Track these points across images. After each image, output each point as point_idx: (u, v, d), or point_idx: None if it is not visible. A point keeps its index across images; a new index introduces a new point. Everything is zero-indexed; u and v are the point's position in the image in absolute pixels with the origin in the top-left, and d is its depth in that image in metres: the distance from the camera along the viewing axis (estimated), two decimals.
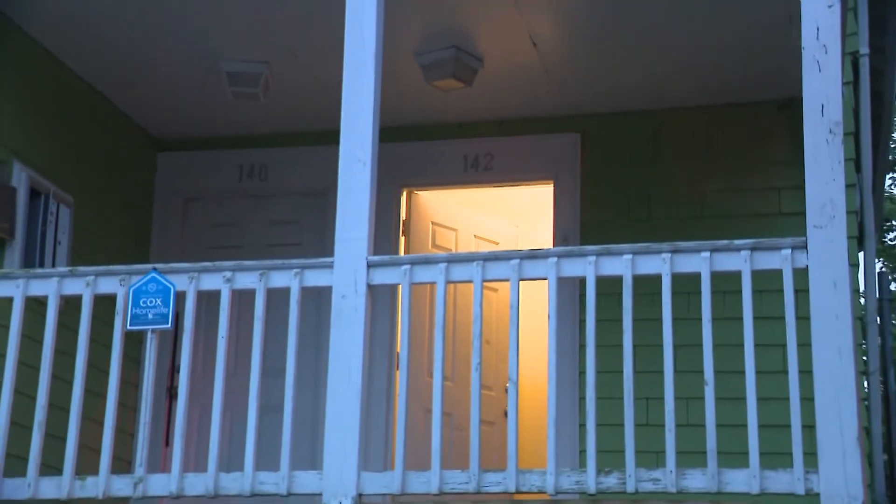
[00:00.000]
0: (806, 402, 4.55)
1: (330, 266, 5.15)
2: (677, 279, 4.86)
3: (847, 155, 5.03)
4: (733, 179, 7.39)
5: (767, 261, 4.78)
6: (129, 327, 5.22)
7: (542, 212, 8.09)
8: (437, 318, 5.05)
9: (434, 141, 7.95)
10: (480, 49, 6.97)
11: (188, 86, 7.53)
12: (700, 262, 4.83)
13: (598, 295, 4.91)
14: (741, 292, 4.75)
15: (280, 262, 5.24)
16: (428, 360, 7.39)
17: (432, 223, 8.26)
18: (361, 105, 5.26)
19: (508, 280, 5.02)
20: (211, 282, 5.26)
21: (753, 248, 4.79)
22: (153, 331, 5.23)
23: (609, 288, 5.01)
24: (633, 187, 7.55)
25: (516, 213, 9.13)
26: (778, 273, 4.75)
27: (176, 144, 8.31)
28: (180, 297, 5.24)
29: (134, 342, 5.65)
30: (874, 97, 7.53)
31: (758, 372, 4.68)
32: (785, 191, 7.17)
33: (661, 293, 4.83)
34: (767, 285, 4.96)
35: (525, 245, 8.40)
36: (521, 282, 5.01)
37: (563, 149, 7.74)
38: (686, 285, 4.93)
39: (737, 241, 4.82)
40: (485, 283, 5.07)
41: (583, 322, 5.44)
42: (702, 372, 4.72)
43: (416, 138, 7.91)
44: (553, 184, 7.78)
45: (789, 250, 4.74)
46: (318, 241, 7.67)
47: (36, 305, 5.54)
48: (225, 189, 8.25)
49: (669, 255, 4.86)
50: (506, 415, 5.27)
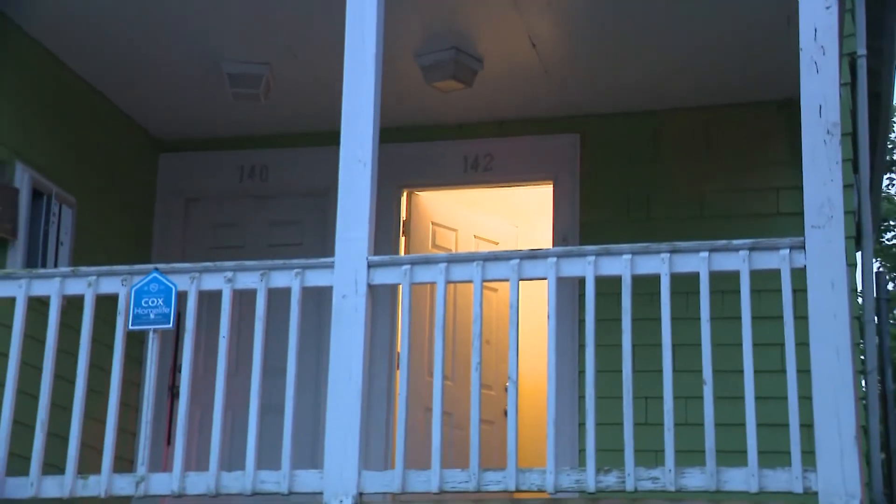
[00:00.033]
0: (804, 402, 4.56)
1: (330, 266, 5.16)
2: (676, 279, 4.86)
3: (845, 155, 5.03)
4: (732, 180, 7.40)
5: (766, 261, 4.78)
6: (130, 327, 5.22)
7: (541, 212, 8.09)
8: (438, 318, 5.05)
9: (434, 141, 7.96)
10: (480, 50, 6.98)
11: (189, 86, 7.53)
12: (699, 262, 4.83)
13: (598, 295, 4.91)
14: (740, 292, 4.76)
15: (281, 262, 5.25)
16: (428, 359, 7.38)
17: (432, 223, 8.26)
18: (362, 106, 5.26)
19: (508, 280, 5.02)
20: (212, 282, 5.26)
21: (752, 249, 4.79)
22: (155, 330, 5.23)
23: (608, 288, 5.00)
24: (632, 187, 7.55)
25: (516, 214, 9.11)
26: (776, 273, 4.75)
27: (177, 145, 8.31)
28: (182, 297, 5.25)
29: (136, 342, 5.65)
30: (872, 98, 7.52)
31: (756, 371, 4.68)
32: (783, 191, 7.17)
33: (660, 293, 4.83)
34: (766, 285, 4.96)
35: (525, 245, 8.38)
36: (520, 282, 5.01)
37: (563, 149, 7.74)
38: (685, 285, 4.93)
39: (735, 242, 4.82)
40: (485, 283, 5.07)
41: (582, 322, 5.45)
42: (700, 371, 4.72)
43: (417, 139, 7.91)
44: (553, 184, 7.78)
45: (787, 250, 4.74)
46: (318, 242, 7.67)
47: (38, 305, 5.54)
48: (226, 189, 8.25)
49: (668, 256, 4.86)
50: (506, 414, 5.26)
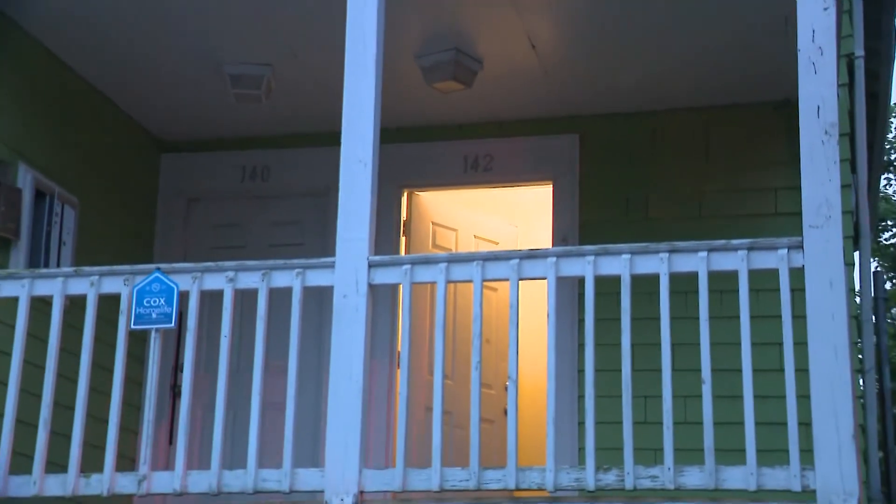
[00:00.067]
0: (802, 400, 4.56)
1: (331, 266, 5.17)
2: (675, 279, 4.87)
3: (843, 155, 5.04)
4: (731, 180, 7.41)
5: (764, 260, 4.79)
6: (133, 326, 5.23)
7: (541, 212, 8.08)
8: (438, 318, 5.06)
9: (434, 142, 7.96)
10: (480, 51, 6.99)
11: (190, 87, 7.54)
12: (697, 262, 4.84)
13: (597, 294, 4.93)
14: (738, 291, 4.77)
15: (282, 262, 5.26)
16: (428, 358, 7.41)
17: (432, 223, 8.26)
18: (362, 106, 5.27)
19: (508, 280, 5.03)
20: (214, 281, 5.27)
21: (750, 248, 4.80)
22: (157, 330, 5.24)
23: (608, 287, 5.01)
24: (631, 187, 7.56)
25: (516, 214, 9.10)
26: (774, 272, 4.76)
27: (179, 146, 8.32)
28: (184, 297, 5.25)
29: (138, 341, 5.66)
30: (869, 98, 7.53)
31: (755, 370, 4.69)
32: (781, 191, 7.17)
33: (658, 292, 4.84)
34: (764, 284, 4.95)
35: (524, 245, 8.38)
36: (520, 281, 5.02)
37: (562, 150, 7.75)
38: (684, 284, 4.94)
39: (734, 241, 4.83)
40: (485, 283, 5.08)
41: (582, 321, 5.45)
42: (699, 370, 4.73)
43: (417, 139, 7.91)
44: (552, 184, 7.78)
45: (786, 250, 4.75)
46: (319, 242, 7.67)
47: (41, 305, 5.55)
48: (227, 190, 8.26)
49: (667, 255, 4.87)
50: (506, 413, 5.27)
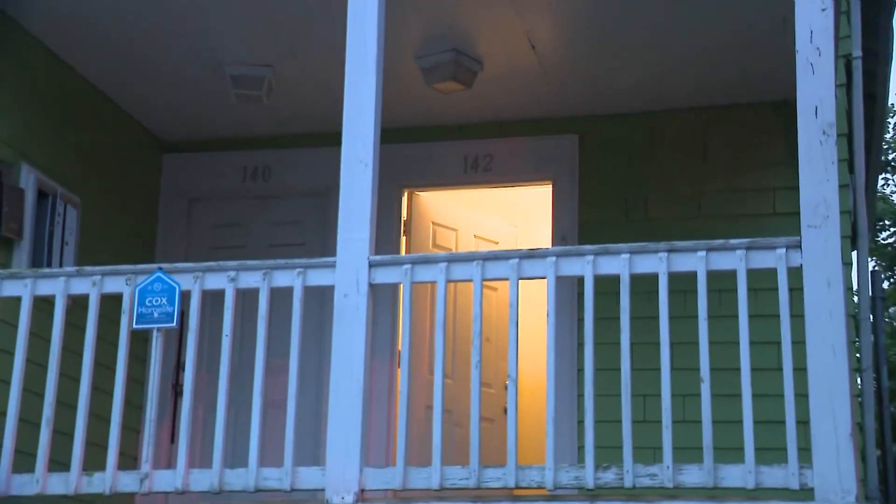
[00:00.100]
0: (800, 399, 4.58)
1: (332, 266, 5.18)
2: (674, 278, 4.88)
3: (840, 156, 5.03)
4: (729, 180, 7.41)
5: (762, 260, 4.80)
6: (135, 326, 5.25)
7: (540, 212, 8.09)
8: (438, 317, 5.07)
9: (434, 142, 7.96)
10: (480, 52, 7.00)
11: (191, 88, 7.55)
12: (696, 262, 4.85)
13: (596, 294, 4.94)
14: (737, 291, 4.78)
15: (283, 261, 5.27)
16: (429, 357, 7.41)
17: (433, 223, 8.27)
18: (363, 107, 5.28)
19: (508, 279, 5.04)
20: (215, 281, 5.29)
21: (749, 248, 4.81)
22: (159, 329, 5.25)
23: (607, 287, 5.02)
24: (630, 187, 7.57)
25: (515, 214, 9.09)
26: (773, 272, 4.77)
27: (180, 146, 8.32)
28: (185, 297, 5.27)
29: (140, 340, 5.66)
30: (867, 99, 7.54)
31: (753, 369, 4.70)
32: (780, 191, 7.18)
33: (657, 292, 4.85)
34: (762, 284, 4.96)
35: (524, 245, 8.38)
36: (520, 281, 5.03)
37: (562, 150, 7.76)
38: (682, 284, 4.94)
39: (732, 241, 4.84)
40: (484, 282, 5.09)
41: (581, 320, 5.46)
42: (698, 369, 4.74)
43: (417, 139, 7.91)
44: (552, 184, 7.79)
45: (784, 249, 4.76)
46: (320, 242, 7.67)
47: (44, 305, 5.55)
48: (229, 190, 8.27)
49: (666, 255, 4.88)
50: (505, 412, 5.29)
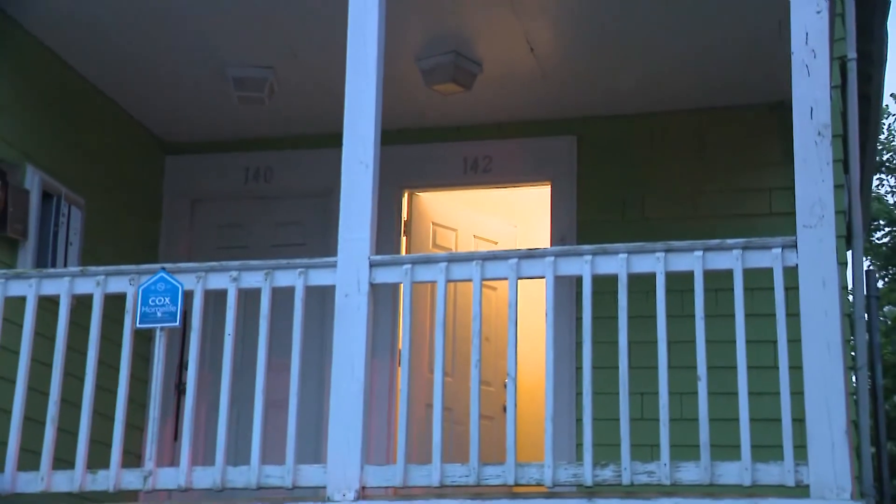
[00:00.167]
0: (796, 397, 4.60)
1: (333, 266, 5.20)
2: (671, 277, 4.90)
3: (835, 156, 5.09)
4: (726, 180, 7.43)
5: (758, 259, 4.83)
6: (138, 325, 5.27)
7: (539, 212, 8.11)
8: (438, 316, 5.09)
9: (434, 143, 7.98)
10: (479, 54, 7.02)
11: (194, 90, 7.57)
12: (693, 261, 4.87)
13: (595, 293, 4.97)
14: (733, 290, 4.80)
15: (285, 261, 5.29)
16: (429, 356, 7.44)
17: (433, 223, 8.30)
18: (363, 108, 5.31)
19: (507, 279, 5.06)
20: (218, 281, 5.31)
21: (745, 248, 4.83)
22: (162, 329, 5.27)
23: (605, 286, 5.04)
24: (628, 188, 7.59)
25: (515, 214, 9.10)
26: (769, 271, 4.80)
27: (183, 147, 8.34)
28: (188, 296, 5.29)
29: (143, 340, 5.71)
30: (862, 100, 7.53)
31: (749, 367, 4.73)
32: (776, 191, 7.20)
33: (655, 291, 4.87)
34: (758, 283, 4.99)
35: (523, 245, 8.34)
36: (519, 280, 5.05)
37: (560, 151, 7.79)
38: (680, 283, 4.97)
39: (728, 241, 4.86)
40: (484, 282, 5.11)
41: (579, 319, 5.45)
42: (695, 367, 4.77)
43: (417, 141, 7.93)
44: (550, 185, 7.81)
45: (779, 249, 4.79)
46: (321, 242, 7.68)
47: (48, 304, 5.57)
48: (231, 191, 8.29)
49: (663, 255, 4.91)
50: (505, 410, 5.34)
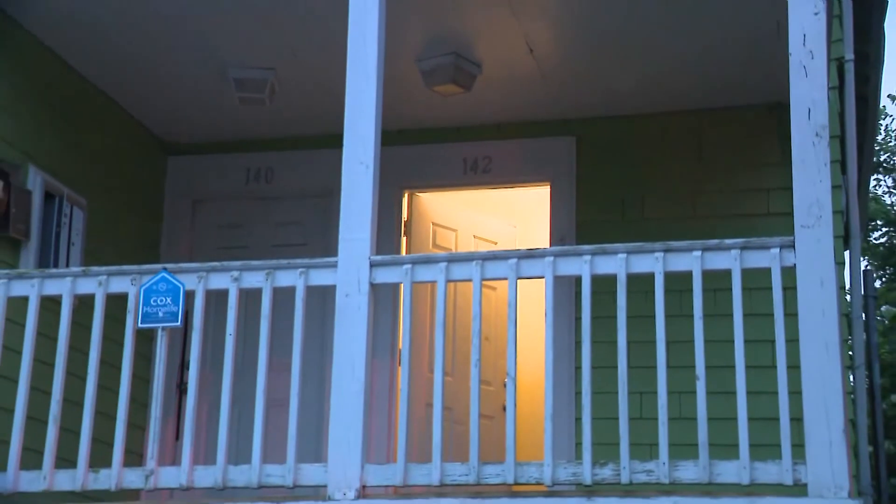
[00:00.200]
0: (794, 396, 4.62)
1: (334, 266, 5.22)
2: (670, 277, 4.92)
3: (833, 157, 5.09)
4: (724, 181, 7.44)
5: (756, 259, 4.84)
6: (140, 325, 5.28)
7: (539, 212, 8.12)
8: (438, 316, 5.11)
9: (434, 144, 8.00)
10: (479, 55, 7.04)
11: (195, 90, 7.59)
12: (692, 261, 4.89)
13: (594, 293, 4.98)
14: (731, 290, 4.81)
15: (286, 261, 5.30)
16: (429, 356, 7.45)
17: (433, 224, 8.31)
18: (364, 109, 5.32)
19: (507, 279, 5.07)
20: (219, 281, 5.32)
21: (743, 248, 4.85)
22: (163, 328, 5.29)
23: (604, 286, 5.06)
24: (627, 188, 7.61)
25: (514, 214, 9.10)
26: (767, 271, 4.81)
27: (185, 148, 8.36)
28: (189, 296, 5.31)
29: (145, 339, 5.73)
30: (859, 101, 7.54)
31: (747, 367, 4.74)
32: (774, 191, 7.20)
33: (654, 291, 4.89)
34: (757, 283, 5.01)
35: (523, 245, 8.36)
36: (518, 280, 5.06)
37: (560, 151, 7.80)
38: (678, 283, 4.98)
39: (727, 241, 4.87)
40: (484, 282, 5.12)
41: (579, 319, 5.46)
42: (694, 367, 4.78)
43: (417, 141, 7.94)
44: (550, 185, 7.82)
45: (778, 249, 4.80)
46: (322, 242, 7.69)
47: (51, 304, 5.59)
48: (232, 191, 8.31)
49: (662, 255, 4.92)
50: (504, 409, 5.35)
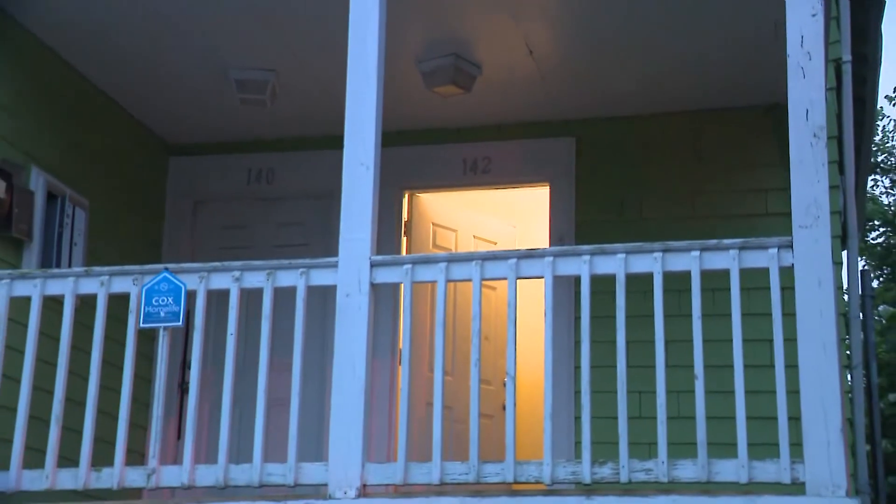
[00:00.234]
0: (792, 395, 4.62)
1: (334, 266, 5.23)
2: (668, 277, 4.93)
3: (831, 157, 5.10)
4: (723, 181, 7.47)
5: (755, 259, 4.85)
6: (141, 325, 5.29)
7: (538, 213, 8.14)
8: (438, 316, 5.12)
9: (434, 145, 8.02)
10: (479, 57, 7.06)
11: (197, 92, 7.61)
12: (690, 261, 4.90)
13: (593, 293, 4.99)
14: (730, 290, 4.82)
15: (286, 262, 5.31)
16: (429, 355, 7.47)
17: (433, 224, 8.33)
18: (364, 110, 5.33)
19: (506, 279, 5.09)
20: (220, 281, 5.33)
21: (741, 248, 4.86)
22: (165, 328, 5.30)
23: (603, 286, 5.07)
24: (626, 189, 7.63)
25: (514, 214, 9.13)
26: (765, 271, 4.82)
27: (186, 149, 8.38)
28: (191, 296, 5.32)
29: (147, 339, 5.74)
30: (857, 102, 7.54)
31: (746, 366, 4.75)
32: (772, 192, 7.22)
33: (653, 291, 4.90)
34: (755, 283, 5.00)
35: (522, 245, 8.39)
36: (518, 280, 5.08)
37: (559, 152, 7.82)
38: (677, 283, 4.99)
39: (725, 241, 4.88)
40: (483, 282, 5.13)
41: (578, 319, 5.51)
42: (692, 366, 4.80)
43: (417, 142, 7.96)
44: (549, 186, 7.85)
45: (776, 249, 4.81)
46: (322, 242, 7.70)
47: (53, 304, 5.61)
48: (233, 192, 8.34)
49: (661, 255, 4.93)
50: (504, 408, 5.38)
